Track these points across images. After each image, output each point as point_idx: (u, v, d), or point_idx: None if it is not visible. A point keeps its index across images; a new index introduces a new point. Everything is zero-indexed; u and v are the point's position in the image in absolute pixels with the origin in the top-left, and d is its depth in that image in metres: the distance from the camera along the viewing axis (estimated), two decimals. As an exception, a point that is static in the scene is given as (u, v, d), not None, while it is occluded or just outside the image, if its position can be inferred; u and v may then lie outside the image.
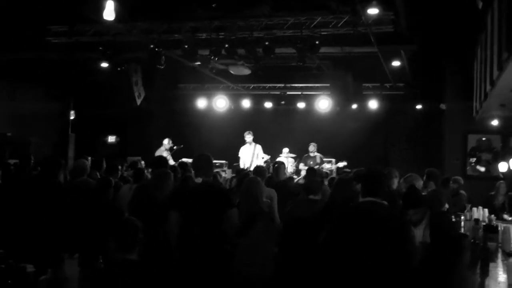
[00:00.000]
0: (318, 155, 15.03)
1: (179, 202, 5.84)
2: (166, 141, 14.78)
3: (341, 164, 14.71)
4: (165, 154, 14.45)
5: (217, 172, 10.37)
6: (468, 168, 13.52)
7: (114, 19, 9.65)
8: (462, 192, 9.71)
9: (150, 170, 9.14)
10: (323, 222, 5.52)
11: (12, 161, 10.93)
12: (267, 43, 11.51)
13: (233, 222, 5.82)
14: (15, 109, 15.79)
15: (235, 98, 19.10)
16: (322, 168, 14.30)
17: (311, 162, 14.76)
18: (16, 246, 5.41)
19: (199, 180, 6.10)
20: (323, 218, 5.80)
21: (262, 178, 7.45)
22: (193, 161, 6.39)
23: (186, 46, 11.99)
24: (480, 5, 9.21)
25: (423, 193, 6.65)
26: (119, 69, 13.29)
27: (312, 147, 15.11)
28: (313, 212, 6.27)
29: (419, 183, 7.38)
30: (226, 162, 16.07)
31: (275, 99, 18.70)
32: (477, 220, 6.95)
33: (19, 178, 8.28)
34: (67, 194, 6.72)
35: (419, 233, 5.33)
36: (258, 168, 8.71)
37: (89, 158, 9.95)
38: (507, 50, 6.23)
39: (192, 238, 5.68)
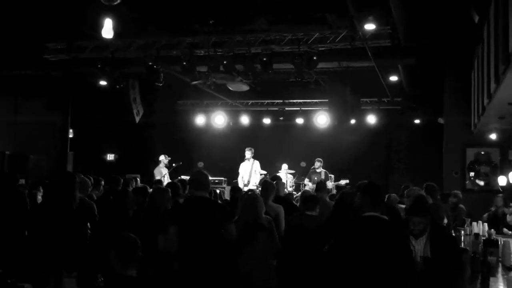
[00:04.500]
0: (323, 171, 15.07)
1: (179, 217, 5.87)
2: (162, 157, 14.78)
3: (343, 182, 14.72)
4: (164, 171, 14.45)
5: (212, 189, 10.36)
6: (467, 182, 13.48)
7: (113, 36, 9.70)
8: (461, 206, 9.70)
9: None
10: (326, 236, 5.55)
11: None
12: (265, 58, 11.53)
13: (231, 236, 5.86)
14: (15, 126, 15.79)
15: (234, 114, 19.11)
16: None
17: (316, 178, 14.80)
18: (15, 265, 5.39)
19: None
20: (326, 232, 5.84)
21: (270, 193, 7.49)
22: (191, 177, 6.42)
23: (184, 63, 12.02)
24: (476, 18, 9.26)
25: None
26: (117, 86, 13.27)
27: (317, 163, 15.17)
28: (311, 227, 6.32)
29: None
30: (225, 179, 16.05)
31: (273, 115, 18.72)
32: (477, 235, 6.93)
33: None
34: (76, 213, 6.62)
35: (420, 247, 5.30)
36: (265, 183, 8.54)
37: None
38: (503, 63, 6.24)
39: (192, 251, 5.71)
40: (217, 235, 5.78)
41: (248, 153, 14.95)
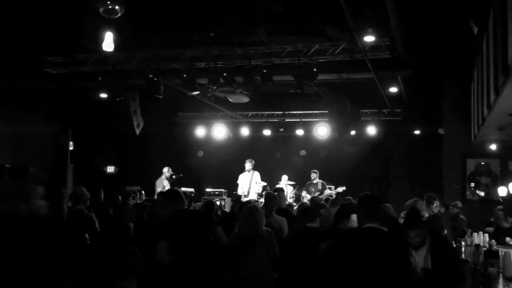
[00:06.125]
0: (320, 181, 15.13)
1: (168, 232, 5.96)
2: (165, 169, 14.85)
3: (340, 189, 14.74)
4: (165, 183, 14.50)
5: (213, 200, 10.40)
6: (467, 192, 13.49)
7: (114, 49, 9.74)
8: (462, 217, 9.69)
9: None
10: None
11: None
12: (265, 70, 11.55)
13: (221, 239, 5.96)
14: (15, 138, 15.79)
15: (234, 126, 19.11)
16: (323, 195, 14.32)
17: (313, 189, 14.83)
18: (13, 279, 5.37)
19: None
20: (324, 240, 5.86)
21: (273, 205, 7.55)
22: (168, 195, 6.61)
23: (184, 75, 12.05)
24: (476, 30, 9.30)
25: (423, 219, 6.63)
26: (118, 99, 13.29)
27: (313, 175, 15.23)
28: (312, 239, 6.33)
29: (422, 207, 7.44)
30: (225, 190, 16.05)
31: (274, 126, 18.71)
32: (477, 246, 6.92)
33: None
34: (69, 225, 6.67)
35: (420, 258, 5.30)
36: (269, 195, 8.51)
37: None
38: (503, 75, 6.26)
39: (188, 262, 5.76)
40: (209, 243, 5.88)
41: (248, 165, 15.01)
